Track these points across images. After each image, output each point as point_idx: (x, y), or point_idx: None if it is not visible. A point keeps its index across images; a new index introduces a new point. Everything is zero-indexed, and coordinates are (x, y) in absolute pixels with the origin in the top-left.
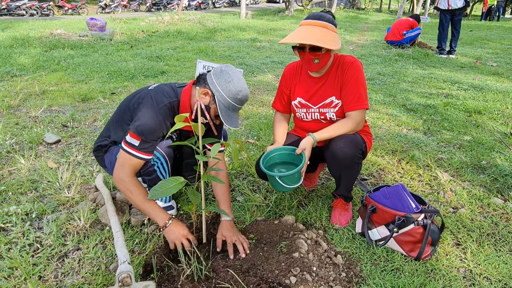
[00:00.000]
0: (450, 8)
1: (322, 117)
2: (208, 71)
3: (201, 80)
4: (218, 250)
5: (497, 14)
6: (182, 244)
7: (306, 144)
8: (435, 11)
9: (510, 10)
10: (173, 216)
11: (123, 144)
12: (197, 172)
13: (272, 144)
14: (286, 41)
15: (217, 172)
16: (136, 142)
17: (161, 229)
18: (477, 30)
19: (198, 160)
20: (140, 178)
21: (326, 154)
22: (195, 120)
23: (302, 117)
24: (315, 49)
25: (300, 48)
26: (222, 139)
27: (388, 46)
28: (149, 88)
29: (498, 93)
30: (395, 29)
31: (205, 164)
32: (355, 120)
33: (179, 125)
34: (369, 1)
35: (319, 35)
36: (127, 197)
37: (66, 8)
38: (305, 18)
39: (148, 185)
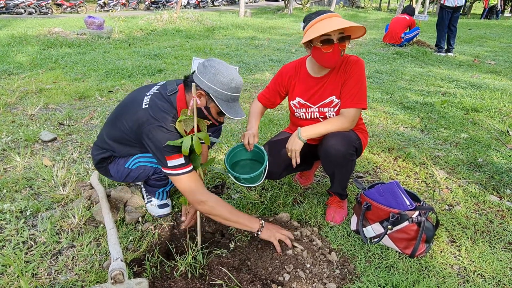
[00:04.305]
0: (457, 5)
1: (322, 116)
2: (192, 73)
3: (189, 84)
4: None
5: (495, 13)
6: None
7: (295, 146)
8: (434, 9)
9: (509, 9)
10: (262, 220)
11: (171, 171)
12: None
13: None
14: (313, 36)
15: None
16: (182, 160)
17: (257, 233)
18: (476, 28)
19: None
20: (141, 181)
21: (319, 151)
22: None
23: (301, 116)
24: (343, 38)
25: (327, 42)
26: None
27: (386, 44)
28: (144, 108)
29: (496, 91)
30: (393, 31)
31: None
32: (348, 118)
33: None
34: (368, 0)
35: (347, 22)
36: (213, 216)
37: (65, 6)
38: (315, 18)
39: (147, 184)
